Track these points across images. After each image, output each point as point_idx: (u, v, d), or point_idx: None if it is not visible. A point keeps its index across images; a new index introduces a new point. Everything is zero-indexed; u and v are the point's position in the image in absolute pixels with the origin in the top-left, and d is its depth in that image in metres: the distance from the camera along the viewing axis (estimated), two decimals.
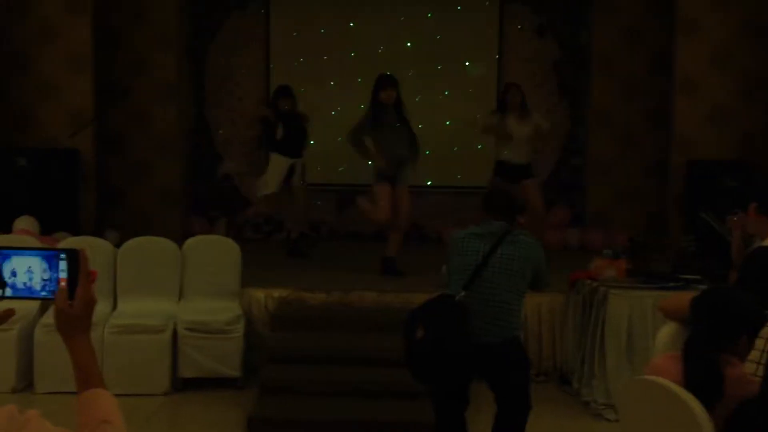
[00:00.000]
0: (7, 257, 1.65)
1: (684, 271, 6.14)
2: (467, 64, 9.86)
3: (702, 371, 2.82)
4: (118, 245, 6.71)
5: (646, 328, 5.57)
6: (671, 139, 9.02)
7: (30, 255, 1.68)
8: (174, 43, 9.59)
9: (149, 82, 9.51)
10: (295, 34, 10.00)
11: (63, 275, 1.66)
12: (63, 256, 1.66)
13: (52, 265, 1.67)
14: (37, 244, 6.45)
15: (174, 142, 9.64)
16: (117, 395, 1.68)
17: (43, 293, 1.68)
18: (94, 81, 8.98)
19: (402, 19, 9.99)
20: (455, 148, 9.95)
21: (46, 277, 1.67)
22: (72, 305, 1.63)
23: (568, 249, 9.19)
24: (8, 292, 1.65)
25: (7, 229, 7.44)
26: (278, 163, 8.00)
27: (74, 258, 1.66)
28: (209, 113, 10.10)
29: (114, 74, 9.39)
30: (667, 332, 3.52)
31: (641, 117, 9.64)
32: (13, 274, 1.65)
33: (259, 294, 6.59)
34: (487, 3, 10.02)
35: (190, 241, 6.71)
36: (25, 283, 1.67)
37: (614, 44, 9.63)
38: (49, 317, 5.94)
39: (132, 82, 9.38)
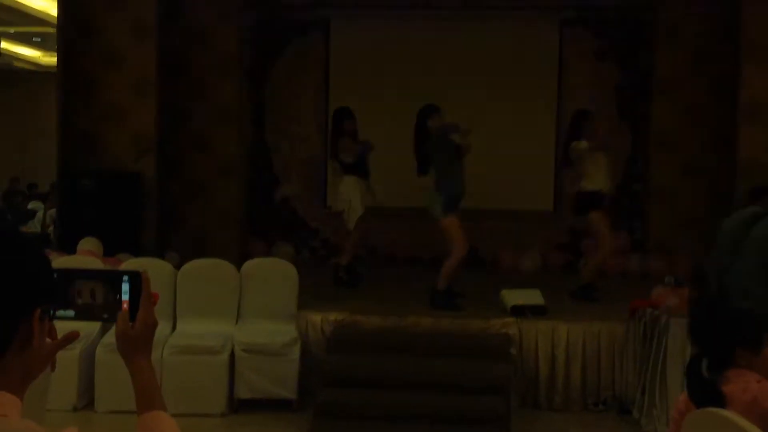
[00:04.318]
0: (71, 279, 1.67)
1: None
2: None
3: (701, 393, 2.80)
4: (177, 267, 6.81)
5: None
6: (736, 165, 8.83)
7: (94, 277, 1.70)
8: (235, 67, 9.76)
9: (210, 106, 9.69)
10: (355, 60, 10.08)
11: (125, 297, 1.68)
12: (126, 278, 1.68)
13: (115, 288, 1.68)
14: (100, 265, 6.59)
15: (233, 165, 9.78)
16: (174, 415, 1.68)
17: (106, 315, 1.70)
18: (158, 105, 9.18)
19: (461, 42, 10.00)
20: (510, 173, 9.88)
21: (108, 299, 1.69)
22: (133, 327, 1.65)
23: (628, 276, 9.03)
24: (71, 313, 1.67)
25: (71, 250, 7.61)
26: (358, 185, 7.95)
27: (136, 280, 1.67)
28: (269, 136, 10.22)
29: (176, 98, 9.59)
30: None
31: (704, 142, 9.46)
32: (78, 295, 1.67)
33: (315, 317, 6.61)
34: (547, 26, 9.98)
35: (248, 264, 6.77)
36: (88, 305, 1.69)
37: (677, 68, 9.48)
38: (110, 337, 6.04)
39: (194, 106, 9.56)
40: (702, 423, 2.86)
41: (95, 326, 6.09)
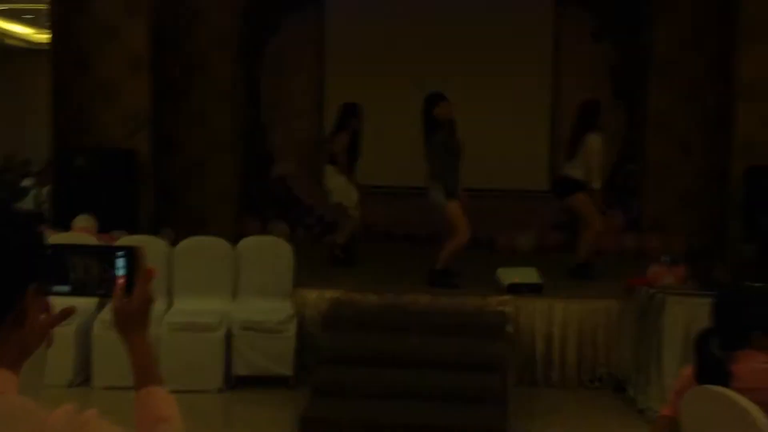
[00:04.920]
0: (66, 255, 1.65)
1: (745, 279, 5.98)
2: None
3: (708, 370, 2.84)
4: (173, 244, 6.79)
5: None
6: (732, 145, 8.81)
7: (88, 252, 1.67)
8: (230, 44, 9.68)
9: (205, 83, 9.61)
10: (349, 37, 10.01)
11: (121, 273, 1.66)
12: (121, 253, 1.66)
13: (110, 263, 1.66)
14: (95, 242, 6.56)
15: (229, 142, 9.73)
16: (171, 391, 1.67)
17: (101, 291, 1.68)
18: (151, 82, 9.10)
19: (456, 20, 9.92)
20: (506, 152, 9.85)
21: (104, 274, 1.66)
22: (130, 303, 1.63)
23: (623, 254, 9.02)
24: (67, 289, 1.65)
25: (66, 228, 7.58)
26: (339, 173, 8.00)
27: (132, 256, 1.65)
28: (264, 114, 10.17)
29: (171, 76, 9.51)
30: None
31: (700, 122, 9.42)
32: (72, 271, 1.65)
33: (311, 294, 6.60)
34: (543, 4, 9.91)
35: (244, 242, 6.76)
36: (83, 280, 1.66)
37: (673, 47, 9.42)
38: (107, 313, 6.02)
39: (188, 83, 9.50)
40: (701, 399, 2.87)
41: (92, 302, 6.08)
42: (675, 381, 3.15)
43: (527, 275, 6.75)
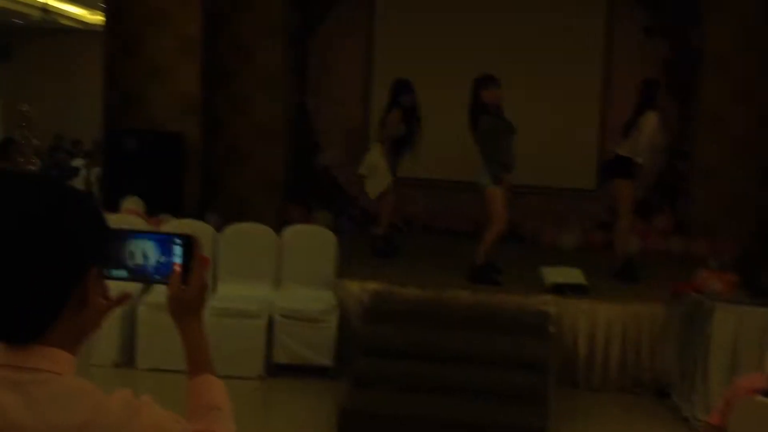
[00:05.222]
0: (125, 239, 1.65)
1: None
2: None
3: None
4: (218, 229, 6.83)
5: (755, 346, 5.32)
6: None
7: (146, 238, 1.67)
8: (279, 31, 9.70)
9: (253, 69, 9.65)
10: (399, 25, 9.97)
11: (177, 260, 1.66)
12: (178, 241, 1.65)
13: (167, 250, 1.66)
14: (144, 225, 6.63)
15: (275, 129, 9.76)
16: None
17: (157, 277, 1.68)
18: (202, 66, 9.15)
19: (507, 13, 9.83)
20: (554, 149, 9.74)
21: (161, 261, 1.66)
22: (186, 290, 1.63)
23: (670, 257, 8.87)
24: (125, 274, 1.65)
25: (114, 209, 7.66)
26: (385, 155, 7.94)
27: (189, 244, 1.65)
28: (310, 102, 10.18)
29: (220, 61, 9.56)
30: None
31: (754, 121, 9.22)
32: (131, 256, 1.65)
33: (353, 286, 6.60)
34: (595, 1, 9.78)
35: (288, 230, 6.78)
36: (140, 266, 1.66)
37: (728, 45, 9.22)
38: (152, 296, 6.07)
39: (236, 68, 9.54)
40: (755, 411, 2.80)
41: (137, 285, 6.14)
42: (726, 390, 3.07)
43: (572, 276, 6.67)
